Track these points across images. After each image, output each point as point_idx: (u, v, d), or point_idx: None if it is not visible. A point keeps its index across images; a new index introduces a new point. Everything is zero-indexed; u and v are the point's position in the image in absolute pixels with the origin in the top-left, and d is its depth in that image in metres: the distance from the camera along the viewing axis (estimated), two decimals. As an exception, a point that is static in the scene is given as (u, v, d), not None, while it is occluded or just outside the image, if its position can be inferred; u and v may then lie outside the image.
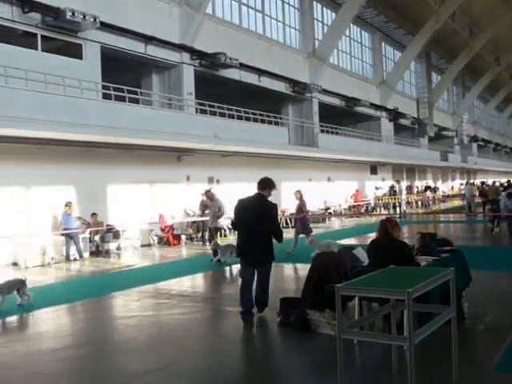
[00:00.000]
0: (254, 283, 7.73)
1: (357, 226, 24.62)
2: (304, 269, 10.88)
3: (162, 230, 19.19)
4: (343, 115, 34.45)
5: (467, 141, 55.84)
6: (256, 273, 7.69)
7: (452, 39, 42.61)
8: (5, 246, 13.63)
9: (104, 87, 17.32)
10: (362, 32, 37.57)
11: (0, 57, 14.21)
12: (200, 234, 19.44)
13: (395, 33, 40.19)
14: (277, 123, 25.58)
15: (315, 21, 31.08)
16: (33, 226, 15.57)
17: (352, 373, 5.21)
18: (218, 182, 22.64)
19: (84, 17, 15.94)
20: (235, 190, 23.33)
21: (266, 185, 7.74)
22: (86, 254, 16.18)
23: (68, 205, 15.68)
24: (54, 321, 8.87)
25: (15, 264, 14.86)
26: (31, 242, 15.09)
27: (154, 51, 19.90)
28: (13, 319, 8.62)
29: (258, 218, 7.42)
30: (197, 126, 19.30)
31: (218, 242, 14.53)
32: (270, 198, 7.82)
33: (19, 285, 9.30)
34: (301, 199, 15.71)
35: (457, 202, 40.01)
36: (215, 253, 13.92)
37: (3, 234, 12.94)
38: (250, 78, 24.65)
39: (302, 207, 15.59)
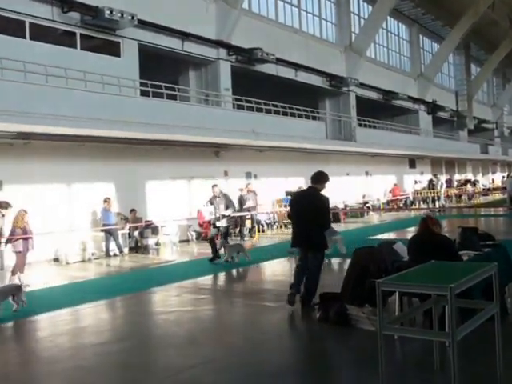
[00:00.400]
0: None
1: (395, 221, 24.31)
2: (342, 263, 10.83)
3: (201, 225, 19.31)
4: (381, 109, 34.02)
5: (508, 133, 54.49)
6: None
7: (492, 30, 41.53)
8: (46, 242, 13.93)
9: (142, 84, 17.51)
10: (399, 24, 36.98)
11: (41, 56, 14.50)
12: (238, 229, 19.50)
13: (433, 25, 39.44)
14: (314, 118, 25.44)
15: (352, 14, 30.74)
16: (73, 222, 15.89)
17: (393, 369, 5.14)
18: (255, 177, 22.68)
19: (122, 15, 16.14)
20: (273, 184, 23.41)
21: (320, 178, 8.09)
22: (126, 250, 16.41)
23: (107, 200, 15.95)
24: (96, 316, 9.01)
25: (56, 260, 15.20)
26: (72, 238, 15.40)
27: (190, 48, 20.01)
28: (55, 314, 8.78)
29: (309, 209, 7.75)
30: (234, 122, 19.34)
31: (224, 241, 13.70)
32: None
33: (14, 291, 8.79)
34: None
35: (498, 196, 39.09)
36: (215, 252, 13.33)
37: (45, 230, 13.21)
38: (287, 73, 24.56)
39: None
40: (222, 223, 13.70)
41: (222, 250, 13.32)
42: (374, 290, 4.53)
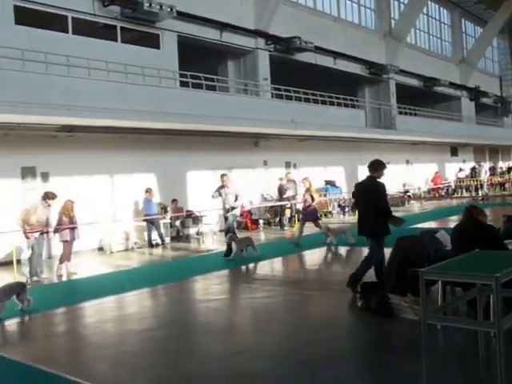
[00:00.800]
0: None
1: (437, 209, 23.96)
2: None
3: (241, 214, 19.42)
4: (421, 96, 33.40)
5: (555, 119, 52.81)
6: None
7: (538, 12, 40.23)
8: (91, 232, 14.26)
9: (181, 75, 17.66)
10: (441, 9, 36.16)
11: (83, 49, 14.77)
12: (278, 219, 19.54)
13: (475, 8, 38.37)
14: (353, 106, 25.20)
15: (391, 0, 30.22)
16: (116, 213, 16.22)
17: (436, 358, 5.11)
18: (294, 166, 22.65)
19: (161, 7, 16.29)
20: (312, 174, 23.29)
21: (377, 166, 8.19)
22: (168, 239, 16.66)
23: (148, 191, 16.20)
24: (139, 303, 9.22)
25: (101, 249, 15.56)
26: (115, 227, 15.73)
27: (229, 38, 20.05)
28: (101, 301, 9.02)
29: (368, 197, 8.02)
30: (273, 111, 19.33)
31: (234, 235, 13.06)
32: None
33: (18, 289, 8.34)
34: (309, 188, 14.75)
35: (544, 184, 37.98)
36: (229, 247, 12.73)
37: (90, 220, 13.52)
38: (326, 61, 24.37)
39: (311, 196, 14.59)
40: (230, 214, 13.07)
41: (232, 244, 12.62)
42: (416, 279, 4.52)
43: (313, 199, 14.56)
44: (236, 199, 12.99)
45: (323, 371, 5.14)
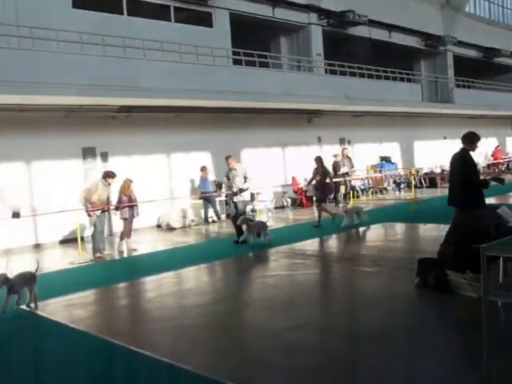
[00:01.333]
0: None
1: (498, 184, 23.22)
2: (439, 229, 10.59)
3: (295, 192, 19.48)
4: (480, 67, 32.23)
5: None
6: None
7: None
8: (150, 210, 14.62)
9: (234, 53, 17.69)
10: (503, -25, 34.63)
11: (138, 31, 14.99)
12: (332, 196, 19.45)
13: (541, -28, 36.56)
14: (409, 80, 24.61)
15: (449, -32, 29.13)
16: (173, 191, 16.55)
17: (497, 336, 5.05)
18: (349, 142, 22.44)
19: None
20: (367, 150, 23.07)
21: (471, 139, 7.97)
22: (223, 216, 16.90)
23: (203, 169, 16.44)
24: (197, 278, 9.46)
25: (159, 226, 15.95)
26: (172, 205, 16.07)
27: (281, 14, 19.89)
28: (161, 276, 9.28)
29: (457, 168, 7.86)
30: (327, 87, 19.15)
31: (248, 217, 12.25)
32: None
33: (30, 281, 7.57)
34: (322, 167, 14.16)
35: None
36: (239, 231, 11.83)
37: (148, 198, 13.85)
38: (381, 35, 23.85)
39: (326, 174, 14.23)
40: (239, 198, 12.14)
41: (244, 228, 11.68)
42: (476, 256, 4.45)
43: (325, 177, 14.11)
44: (245, 181, 12.08)
45: (379, 348, 5.15)
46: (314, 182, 14.43)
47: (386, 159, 23.60)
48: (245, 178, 12.07)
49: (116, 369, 5.23)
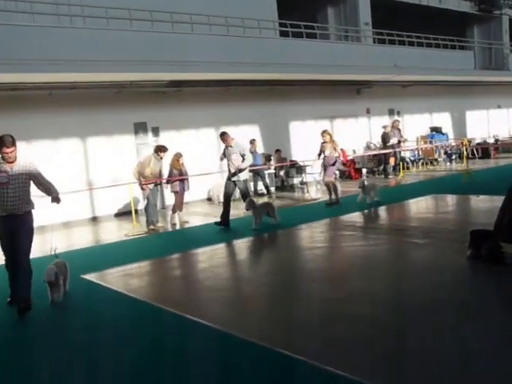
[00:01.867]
0: None
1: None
2: (492, 201, 10.44)
3: (344, 164, 19.38)
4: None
5: None
6: None
7: None
8: (201, 184, 14.87)
9: (281, 25, 17.57)
10: None
11: (186, 5, 15.04)
12: (382, 167, 19.31)
13: None
14: (461, 47, 23.91)
15: None
16: (223, 164, 16.71)
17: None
18: (398, 113, 22.10)
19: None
20: (417, 120, 22.66)
21: None
22: (273, 189, 17.03)
23: (252, 142, 16.53)
24: (248, 250, 9.66)
25: (209, 199, 16.22)
26: (223, 178, 16.24)
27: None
28: (213, 248, 9.51)
29: None
30: (375, 57, 18.84)
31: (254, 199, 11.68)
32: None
33: (62, 271, 7.00)
34: (331, 141, 13.38)
35: None
36: (225, 215, 11.30)
37: (198, 172, 14.06)
38: (431, 1, 23.15)
39: (334, 149, 13.35)
40: (239, 178, 11.30)
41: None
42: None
43: (334, 152, 13.35)
44: (243, 159, 11.15)
45: (430, 319, 5.15)
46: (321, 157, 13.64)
47: (436, 130, 23.13)
48: (242, 156, 11.14)
49: (170, 336, 5.44)
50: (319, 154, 13.64)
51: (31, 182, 6.65)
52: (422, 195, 13.41)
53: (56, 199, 6.80)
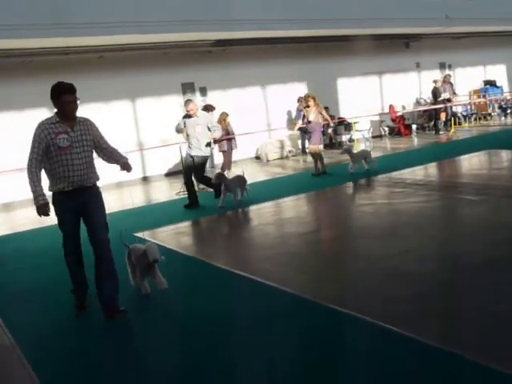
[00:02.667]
0: None
1: None
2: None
3: (393, 120, 19.04)
4: None
5: None
6: None
7: None
8: (248, 142, 14.92)
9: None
10: None
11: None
12: (432, 123, 18.86)
13: None
14: (517, -5, 22.76)
15: None
16: (271, 123, 16.72)
17: None
18: (449, 67, 21.39)
19: None
20: (469, 74, 21.89)
21: None
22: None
23: (300, 100, 16.38)
24: (297, 208, 9.69)
25: (257, 158, 16.28)
26: (270, 137, 16.28)
27: None
28: (261, 206, 9.58)
29: None
30: (425, 8, 18.12)
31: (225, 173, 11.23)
32: None
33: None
34: (315, 104, 11.97)
35: None
36: (192, 196, 10.04)
37: (246, 131, 14.08)
38: None
39: (320, 113, 12.06)
40: (203, 152, 9.88)
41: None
42: None
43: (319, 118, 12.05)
44: (212, 131, 9.86)
45: (484, 277, 5.06)
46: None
47: (490, 83, 22.31)
48: (209, 128, 9.85)
49: (222, 290, 5.56)
50: (302, 121, 12.41)
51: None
52: (475, 151, 13.07)
53: (126, 166, 5.21)
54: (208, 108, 11.87)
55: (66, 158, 4.85)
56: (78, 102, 4.93)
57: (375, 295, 4.88)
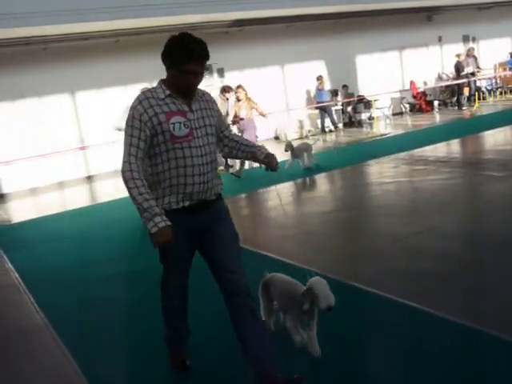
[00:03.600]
0: None
1: None
2: None
3: (414, 96, 18.74)
4: None
5: None
6: None
7: None
8: (267, 123, 14.81)
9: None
10: None
11: None
12: (455, 99, 18.52)
13: None
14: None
15: None
16: (289, 102, 16.59)
17: None
18: (473, 39, 20.91)
19: None
20: (495, 46, 21.36)
21: None
22: (340, 125, 16.77)
23: (319, 79, 16.22)
24: (318, 187, 9.65)
25: (277, 138, 16.21)
26: (289, 117, 16.17)
27: None
28: (281, 187, 9.52)
29: None
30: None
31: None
32: None
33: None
34: (247, 98, 11.13)
35: None
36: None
37: (266, 111, 13.98)
38: None
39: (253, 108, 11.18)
40: None
41: None
42: None
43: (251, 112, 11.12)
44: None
45: (508, 255, 4.95)
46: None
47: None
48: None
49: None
50: (234, 117, 11.13)
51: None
52: (500, 126, 12.80)
53: (271, 159, 3.51)
54: (225, 90, 11.76)
55: (182, 155, 3.05)
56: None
57: (399, 273, 4.85)
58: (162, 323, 3.57)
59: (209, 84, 15.18)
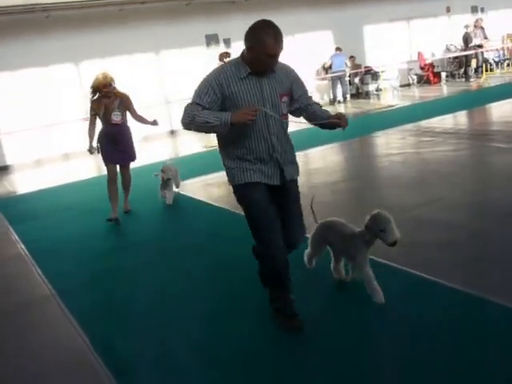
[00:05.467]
0: None
1: None
2: None
3: (422, 68, 18.57)
4: None
5: None
6: None
7: None
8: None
9: None
10: None
11: None
12: (462, 70, 18.33)
13: None
14: None
15: None
16: (300, 72, 16.44)
17: None
18: (482, 10, 20.61)
19: None
20: (504, 17, 21.04)
21: None
22: (348, 97, 16.67)
23: (338, 48, 16.13)
24: (326, 158, 9.63)
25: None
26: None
27: None
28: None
29: None
30: None
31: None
32: None
33: None
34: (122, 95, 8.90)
35: None
36: None
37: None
38: None
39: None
40: None
41: None
42: None
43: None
44: None
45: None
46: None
47: None
48: None
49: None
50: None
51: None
52: (507, 98, 12.69)
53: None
54: (223, 56, 11.53)
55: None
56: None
57: (402, 242, 4.84)
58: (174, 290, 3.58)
59: (214, 54, 15.05)
